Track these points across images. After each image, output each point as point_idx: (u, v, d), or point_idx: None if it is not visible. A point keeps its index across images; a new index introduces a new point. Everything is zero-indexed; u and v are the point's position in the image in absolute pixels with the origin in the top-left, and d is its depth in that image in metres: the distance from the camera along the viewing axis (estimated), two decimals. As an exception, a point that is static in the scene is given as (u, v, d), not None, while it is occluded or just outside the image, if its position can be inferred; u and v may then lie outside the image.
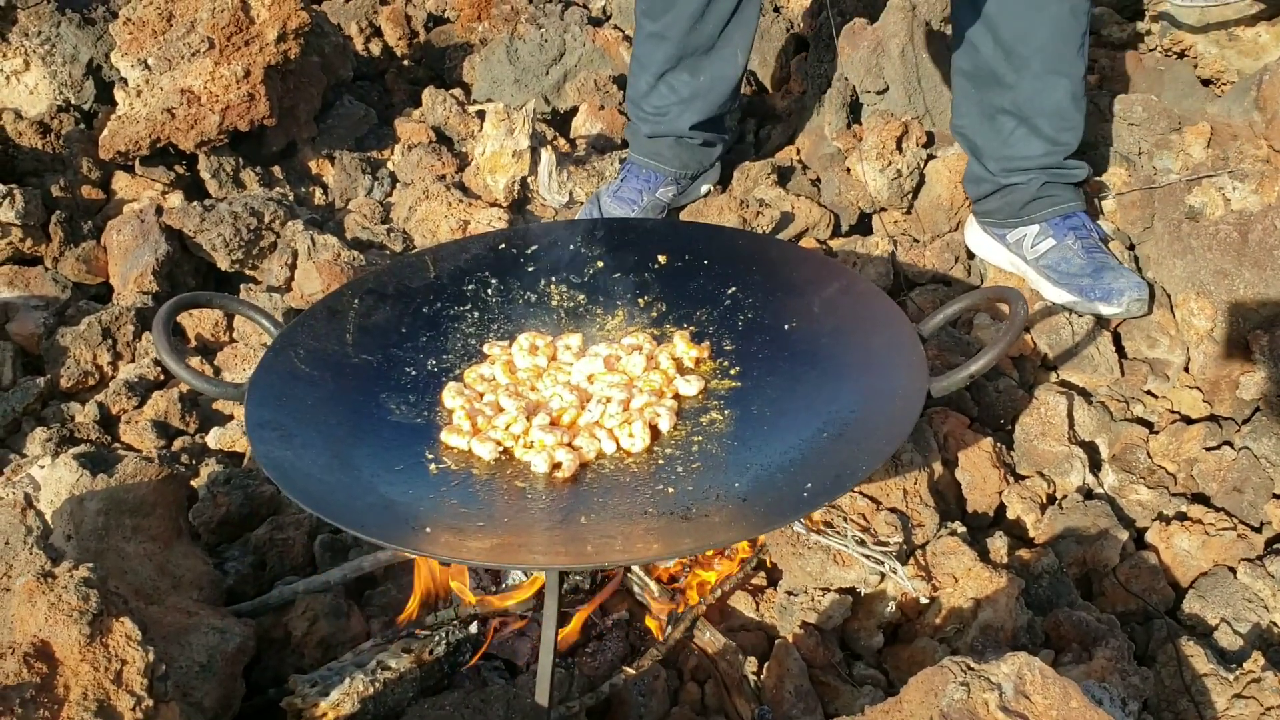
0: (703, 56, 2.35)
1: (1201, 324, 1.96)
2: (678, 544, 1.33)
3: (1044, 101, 2.12)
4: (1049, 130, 2.15)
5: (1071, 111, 2.14)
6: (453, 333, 1.70)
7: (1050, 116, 2.14)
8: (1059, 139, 2.16)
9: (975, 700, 1.06)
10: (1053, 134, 2.15)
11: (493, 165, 2.58)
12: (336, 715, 1.35)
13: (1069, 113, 2.14)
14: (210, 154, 2.60)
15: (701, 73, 2.37)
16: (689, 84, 2.38)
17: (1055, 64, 2.09)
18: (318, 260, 2.26)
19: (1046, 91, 2.11)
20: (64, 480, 1.51)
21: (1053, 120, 2.14)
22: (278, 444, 1.37)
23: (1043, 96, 2.12)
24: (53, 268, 2.38)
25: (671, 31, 2.28)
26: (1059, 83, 2.10)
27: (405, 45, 3.30)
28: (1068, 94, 2.12)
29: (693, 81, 2.38)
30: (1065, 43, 2.07)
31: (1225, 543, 1.68)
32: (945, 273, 2.31)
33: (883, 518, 1.66)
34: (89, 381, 2.14)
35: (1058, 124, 2.14)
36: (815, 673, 1.51)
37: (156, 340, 1.48)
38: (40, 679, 1.05)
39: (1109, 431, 1.92)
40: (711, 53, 2.35)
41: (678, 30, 2.29)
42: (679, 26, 2.29)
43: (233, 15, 2.55)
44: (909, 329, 1.48)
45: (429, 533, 1.27)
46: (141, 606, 1.38)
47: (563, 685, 1.45)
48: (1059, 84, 2.10)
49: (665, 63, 2.37)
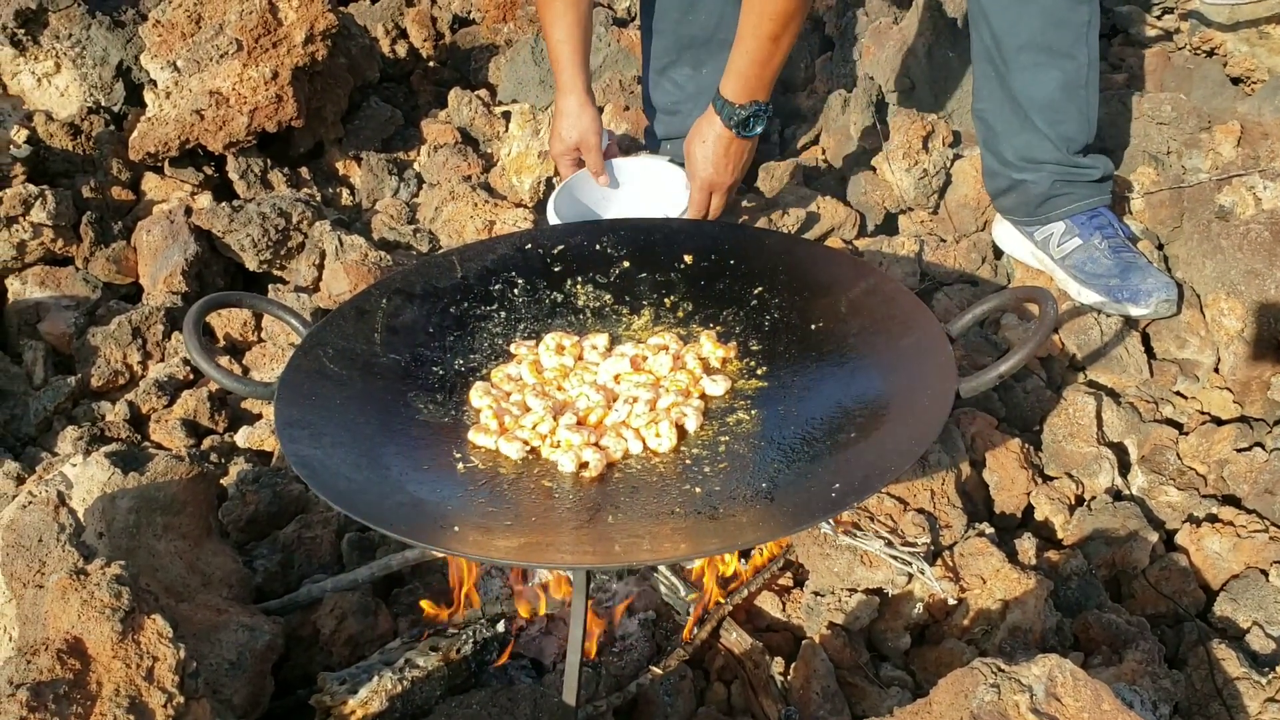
0: (702, 49, 2.32)
1: (1232, 324, 1.94)
2: (705, 544, 1.33)
3: (1034, 93, 2.07)
4: (1042, 124, 2.09)
5: (1064, 104, 2.08)
6: (480, 332, 1.70)
7: (1042, 110, 2.08)
8: (1050, 134, 2.10)
9: (1006, 702, 1.05)
10: (1045, 128, 2.10)
11: (518, 166, 2.59)
12: (365, 713, 1.36)
13: (1061, 105, 2.08)
14: (238, 155, 2.61)
15: (703, 65, 2.34)
16: (692, 78, 2.36)
17: (1046, 55, 2.03)
18: (345, 260, 2.27)
19: (1036, 83, 2.06)
20: (96, 478, 1.52)
21: (1044, 114, 2.09)
22: (307, 442, 1.38)
23: (1032, 88, 2.07)
24: (83, 268, 2.41)
25: (663, 24, 2.26)
26: (1049, 75, 2.05)
27: (431, 47, 3.31)
28: (1058, 85, 2.06)
29: (695, 75, 2.36)
30: (1059, 32, 2.01)
31: (1257, 545, 1.66)
32: (972, 273, 2.30)
33: (910, 518, 1.65)
34: (119, 381, 2.16)
35: (1049, 117, 2.09)
36: (842, 674, 1.51)
37: (187, 339, 1.49)
38: (73, 675, 1.06)
39: (1138, 432, 1.90)
40: (710, 44, 2.31)
41: (669, 21, 2.27)
42: (669, 17, 2.27)
43: (261, 17, 2.57)
44: (937, 329, 1.47)
45: (457, 531, 1.28)
46: (172, 604, 1.39)
47: (590, 685, 1.46)
48: (1049, 76, 2.05)
49: (664, 56, 2.34)
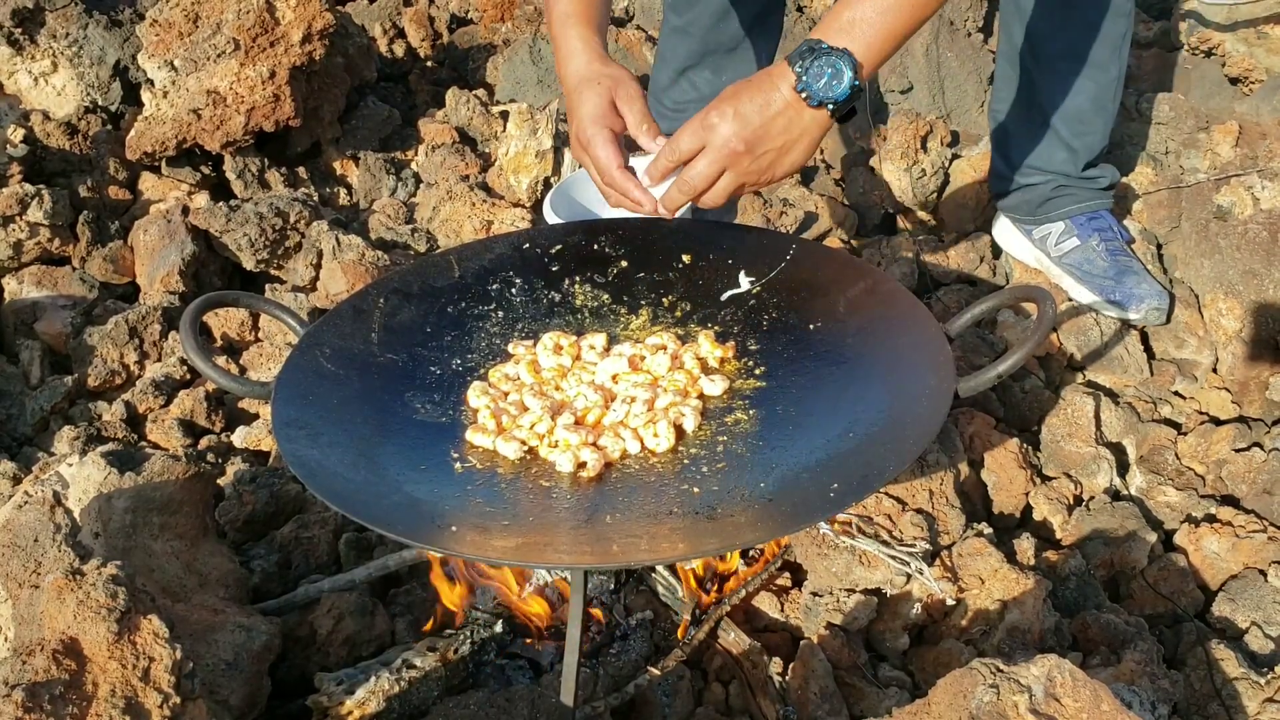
0: (726, 55, 2.34)
1: (1230, 324, 1.94)
2: (703, 544, 1.32)
3: (1064, 103, 2.08)
4: (1065, 133, 2.10)
5: (1091, 116, 2.09)
6: (477, 332, 1.70)
7: (1068, 120, 2.09)
8: (1074, 144, 2.11)
9: (1005, 702, 1.05)
10: (1069, 138, 2.10)
11: (516, 166, 2.59)
12: (362, 714, 1.35)
13: (1088, 117, 2.09)
14: (236, 154, 2.61)
15: (724, 72, 2.35)
16: (710, 82, 2.37)
17: (1082, 66, 2.03)
18: (342, 260, 2.27)
19: (1067, 93, 2.06)
20: (92, 478, 1.52)
21: (1070, 124, 2.09)
22: (304, 442, 1.37)
23: (1063, 98, 2.07)
24: (80, 267, 2.40)
25: (695, 28, 2.27)
26: (1082, 86, 2.05)
27: (429, 46, 3.31)
28: (1089, 98, 2.06)
29: (715, 80, 2.37)
30: (1096, 44, 2.01)
31: (1255, 545, 1.66)
32: (970, 272, 2.30)
33: (909, 518, 1.65)
34: (116, 380, 2.16)
35: (1074, 128, 2.10)
36: (840, 674, 1.51)
37: (184, 339, 1.49)
38: (69, 676, 1.05)
39: (1136, 432, 1.90)
40: (735, 53, 2.33)
41: (701, 26, 2.28)
42: (703, 23, 2.27)
43: (258, 17, 2.56)
44: (935, 328, 1.46)
45: (454, 531, 1.27)
46: (169, 604, 1.39)
47: (587, 685, 1.45)
48: (1082, 87, 2.05)
49: (688, 59, 2.35)
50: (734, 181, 1.48)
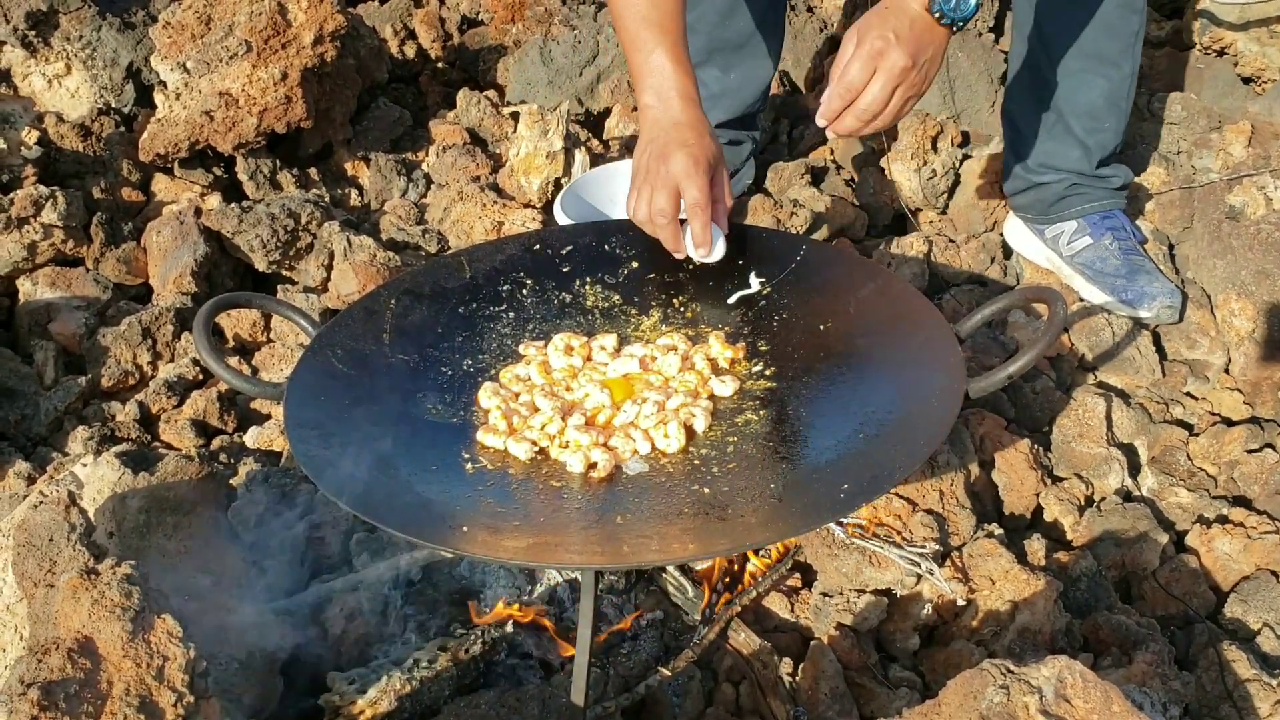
0: (733, 53, 2.33)
1: (1242, 325, 1.94)
2: (713, 544, 1.33)
3: (1077, 100, 2.08)
4: (1079, 131, 2.10)
5: (1104, 113, 2.09)
6: (488, 333, 1.70)
7: (1081, 116, 2.09)
8: (1088, 141, 2.11)
9: (1015, 704, 1.05)
10: (1083, 135, 2.10)
11: (527, 167, 2.59)
12: (374, 713, 1.36)
13: (1101, 114, 2.09)
14: (248, 156, 2.62)
15: (732, 69, 2.35)
16: (719, 80, 2.37)
17: (1093, 63, 2.04)
18: (354, 261, 2.27)
19: (1081, 90, 2.07)
20: (106, 478, 1.53)
21: (1083, 121, 2.09)
22: (316, 443, 1.38)
23: (1076, 94, 2.07)
24: (94, 269, 2.41)
25: (701, 25, 2.27)
26: (1095, 83, 2.05)
27: (439, 48, 3.31)
28: (1102, 94, 2.06)
29: (723, 78, 2.36)
30: (1109, 41, 2.01)
31: (1268, 546, 1.65)
32: (981, 273, 2.29)
33: (919, 519, 1.65)
34: (129, 381, 2.17)
35: (1088, 125, 2.10)
36: (851, 674, 1.51)
37: (197, 340, 1.50)
38: (84, 675, 1.06)
39: (1148, 433, 1.90)
40: (743, 50, 2.33)
41: (708, 23, 2.27)
42: (709, 20, 2.27)
43: (270, 19, 2.57)
44: (946, 329, 1.47)
45: (466, 531, 1.28)
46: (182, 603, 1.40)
47: (598, 685, 1.46)
48: (1094, 84, 2.05)
49: (695, 56, 2.34)
50: (903, 96, 1.60)
